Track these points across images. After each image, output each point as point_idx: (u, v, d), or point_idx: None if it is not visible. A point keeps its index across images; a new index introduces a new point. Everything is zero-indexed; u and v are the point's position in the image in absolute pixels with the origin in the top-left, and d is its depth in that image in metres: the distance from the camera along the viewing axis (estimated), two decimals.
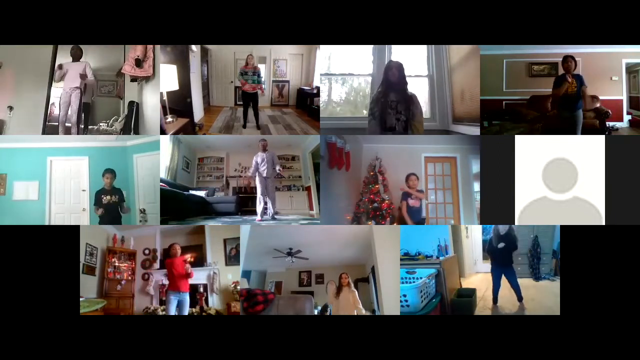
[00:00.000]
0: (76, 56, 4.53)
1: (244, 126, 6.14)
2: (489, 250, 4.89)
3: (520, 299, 4.60)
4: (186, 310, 4.44)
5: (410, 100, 4.38)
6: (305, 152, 7.72)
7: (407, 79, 4.45)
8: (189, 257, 4.69)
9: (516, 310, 4.43)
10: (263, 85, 6.49)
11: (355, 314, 4.42)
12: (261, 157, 5.81)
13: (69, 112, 4.57)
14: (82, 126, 4.66)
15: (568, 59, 4.46)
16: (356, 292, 4.62)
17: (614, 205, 3.89)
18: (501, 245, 4.68)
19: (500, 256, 4.72)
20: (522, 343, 3.75)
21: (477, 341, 3.76)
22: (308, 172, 7.58)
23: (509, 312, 4.37)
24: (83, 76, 4.56)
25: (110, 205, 4.50)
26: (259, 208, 5.75)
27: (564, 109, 4.45)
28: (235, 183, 8.20)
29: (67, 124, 4.57)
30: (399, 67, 4.43)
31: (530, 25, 3.90)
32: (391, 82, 4.39)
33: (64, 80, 4.54)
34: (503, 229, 4.68)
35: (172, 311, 4.37)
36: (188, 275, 4.48)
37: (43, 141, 4.84)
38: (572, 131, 4.34)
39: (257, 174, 5.81)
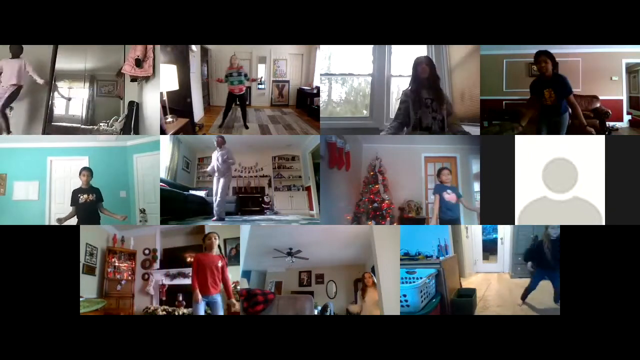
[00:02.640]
0: (15, 54, 4.44)
1: (221, 125, 6.04)
2: (536, 252, 4.64)
3: (556, 300, 4.34)
4: (221, 312, 3.97)
5: (445, 98, 4.19)
6: (305, 152, 7.72)
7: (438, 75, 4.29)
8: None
9: (548, 307, 4.33)
10: (246, 84, 6.39)
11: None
12: (215, 155, 5.65)
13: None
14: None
15: (541, 58, 4.04)
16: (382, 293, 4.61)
17: (614, 205, 3.89)
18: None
19: (547, 258, 4.51)
20: (522, 343, 3.75)
21: (477, 341, 3.76)
22: (308, 172, 7.59)
23: (542, 308, 4.30)
24: (20, 72, 4.44)
25: (87, 203, 4.39)
26: (220, 206, 5.56)
27: (546, 117, 4.15)
28: (235, 183, 8.21)
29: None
30: (429, 62, 4.26)
31: (530, 25, 3.90)
32: (422, 78, 4.22)
33: (1, 77, 4.43)
34: (555, 232, 4.36)
35: (201, 313, 3.91)
36: (225, 288, 3.97)
37: (43, 141, 4.84)
38: (555, 134, 4.10)
39: (215, 173, 5.69)
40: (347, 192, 5.43)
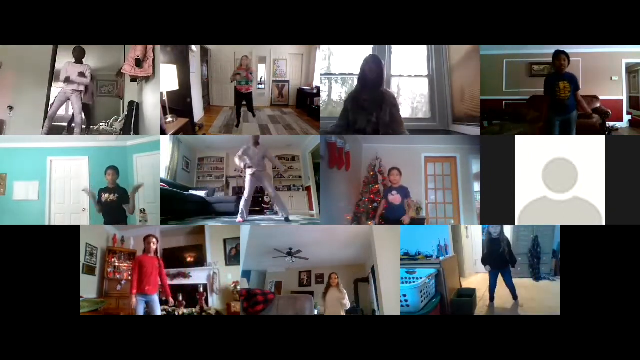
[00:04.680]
0: (79, 58, 4.55)
1: (237, 125, 6.06)
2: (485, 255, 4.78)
3: (515, 297, 4.59)
4: (158, 311, 4.13)
5: (384, 99, 4.01)
6: (305, 152, 7.72)
7: (385, 76, 4.23)
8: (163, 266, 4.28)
9: (510, 308, 4.43)
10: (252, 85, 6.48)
11: (342, 313, 4.43)
12: (252, 150, 5.45)
13: (72, 114, 4.59)
14: (84, 126, 4.67)
15: (560, 56, 4.23)
16: (345, 292, 4.63)
17: (614, 205, 3.89)
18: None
19: (497, 259, 4.66)
20: (522, 343, 3.75)
21: (477, 341, 3.76)
22: (308, 172, 7.58)
23: (505, 312, 4.37)
24: (81, 75, 4.58)
25: (109, 203, 4.37)
26: (245, 207, 5.34)
27: (556, 114, 4.27)
28: (235, 183, 8.20)
29: (58, 123, 4.59)
30: (378, 62, 4.11)
31: (530, 25, 3.90)
32: (369, 78, 4.07)
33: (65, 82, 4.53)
34: (494, 231, 4.60)
35: (142, 313, 4.07)
36: (163, 288, 4.22)
37: (43, 141, 4.84)
38: (566, 133, 4.22)
39: (247, 170, 5.49)
40: (347, 192, 5.43)
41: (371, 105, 4.03)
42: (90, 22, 3.89)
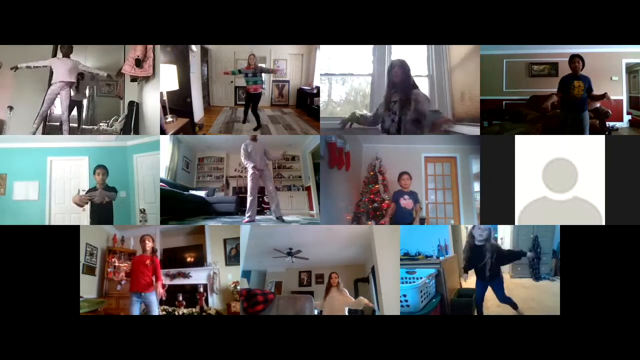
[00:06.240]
0: (66, 54, 4.52)
1: (244, 121, 6.07)
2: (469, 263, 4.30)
3: (515, 307, 4.21)
4: (155, 310, 4.09)
5: (416, 99, 4.13)
6: (305, 152, 7.72)
7: (413, 77, 4.28)
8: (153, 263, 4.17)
9: (548, 307, 4.18)
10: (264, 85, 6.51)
11: (347, 313, 4.42)
12: (251, 146, 5.40)
13: (60, 110, 4.57)
14: (76, 125, 4.64)
15: (575, 59, 4.40)
16: (346, 291, 4.62)
17: (614, 205, 3.89)
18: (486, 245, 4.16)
19: (482, 270, 4.21)
20: (522, 343, 3.75)
21: (477, 341, 3.76)
22: (308, 172, 7.59)
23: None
24: (73, 70, 4.54)
25: (104, 205, 4.34)
26: (251, 207, 5.27)
27: (569, 111, 4.40)
28: (235, 183, 8.21)
29: (54, 123, 4.59)
30: (402, 65, 4.25)
31: (531, 25, 3.90)
32: (394, 82, 4.23)
33: (53, 76, 4.51)
34: (479, 236, 4.17)
35: (136, 312, 4.05)
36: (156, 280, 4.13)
37: (43, 141, 4.84)
38: (579, 133, 4.28)
39: (249, 168, 5.44)
40: (347, 192, 5.43)
41: (397, 106, 4.18)
42: (91, 22, 3.89)
